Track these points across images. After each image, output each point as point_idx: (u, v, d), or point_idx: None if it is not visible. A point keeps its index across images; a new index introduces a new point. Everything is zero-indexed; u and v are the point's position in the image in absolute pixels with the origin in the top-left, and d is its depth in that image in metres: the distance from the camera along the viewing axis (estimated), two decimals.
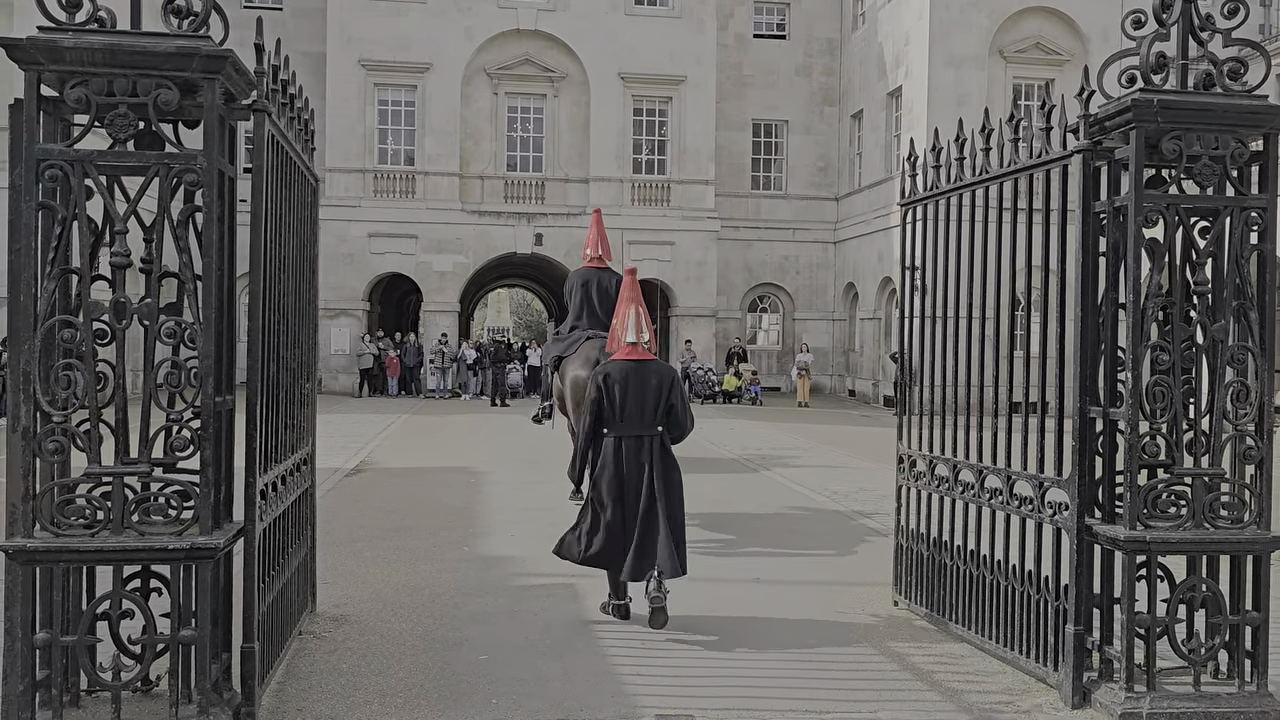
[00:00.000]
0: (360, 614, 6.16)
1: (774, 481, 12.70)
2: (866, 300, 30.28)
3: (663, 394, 6.19)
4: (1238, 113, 4.62)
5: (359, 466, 13.34)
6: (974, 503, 5.75)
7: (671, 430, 6.26)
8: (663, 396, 6.19)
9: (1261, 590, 4.72)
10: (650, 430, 6.16)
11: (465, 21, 29.47)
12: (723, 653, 5.60)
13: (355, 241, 29.20)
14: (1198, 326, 4.72)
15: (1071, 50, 26.47)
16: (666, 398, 6.20)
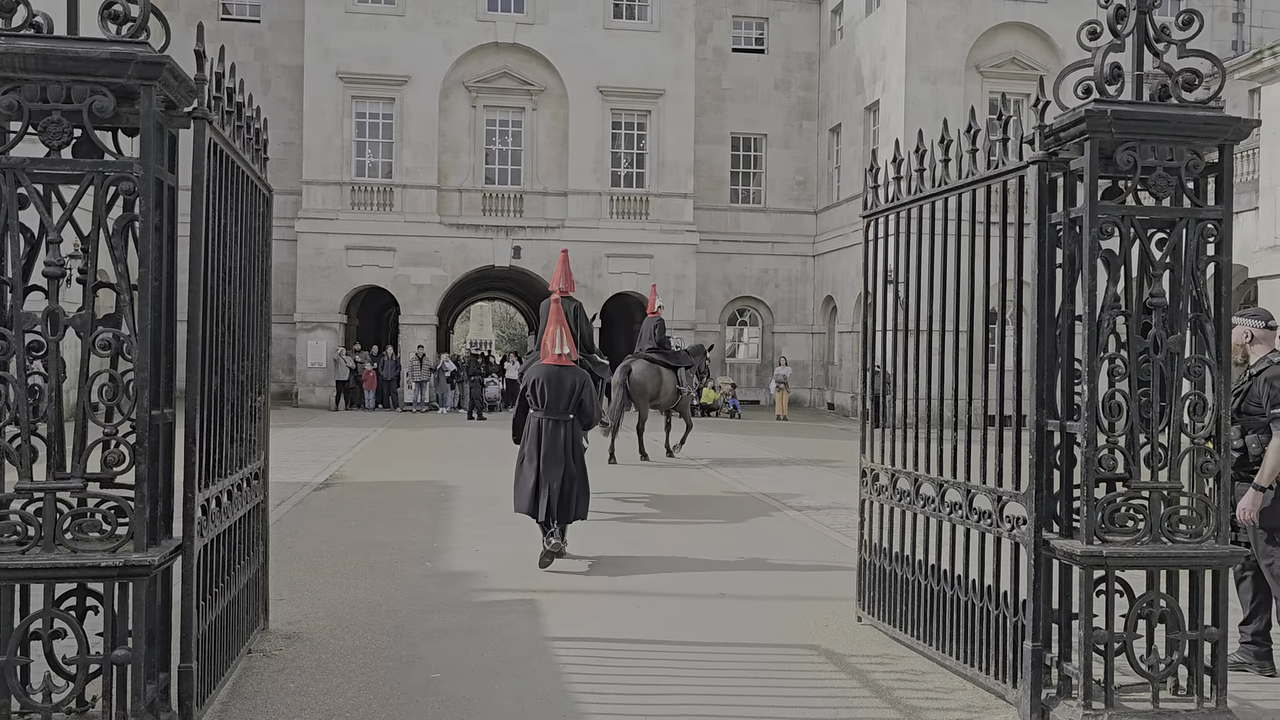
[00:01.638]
0: (314, 631, 6.04)
1: (747, 494, 12.63)
2: (845, 314, 30.34)
3: (575, 391, 8.37)
4: (1192, 124, 4.60)
5: (329, 480, 13.20)
6: (935, 517, 5.69)
7: (581, 417, 8.45)
8: (575, 393, 8.37)
9: (1220, 605, 4.67)
10: (565, 415, 8.33)
11: (443, 35, 29.48)
12: (680, 671, 5.51)
13: (332, 254, 29.07)
14: (1154, 339, 4.68)
15: (1048, 65, 26.66)
16: (578, 394, 8.39)
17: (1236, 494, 5.40)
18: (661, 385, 15.87)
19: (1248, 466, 5.48)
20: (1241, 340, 5.60)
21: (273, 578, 6.36)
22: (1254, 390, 5.49)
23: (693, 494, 12.69)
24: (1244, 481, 5.46)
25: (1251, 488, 5.39)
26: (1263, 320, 5.68)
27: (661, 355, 16.22)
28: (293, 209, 29.22)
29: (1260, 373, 5.51)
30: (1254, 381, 5.51)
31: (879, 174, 6.51)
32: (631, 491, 12.73)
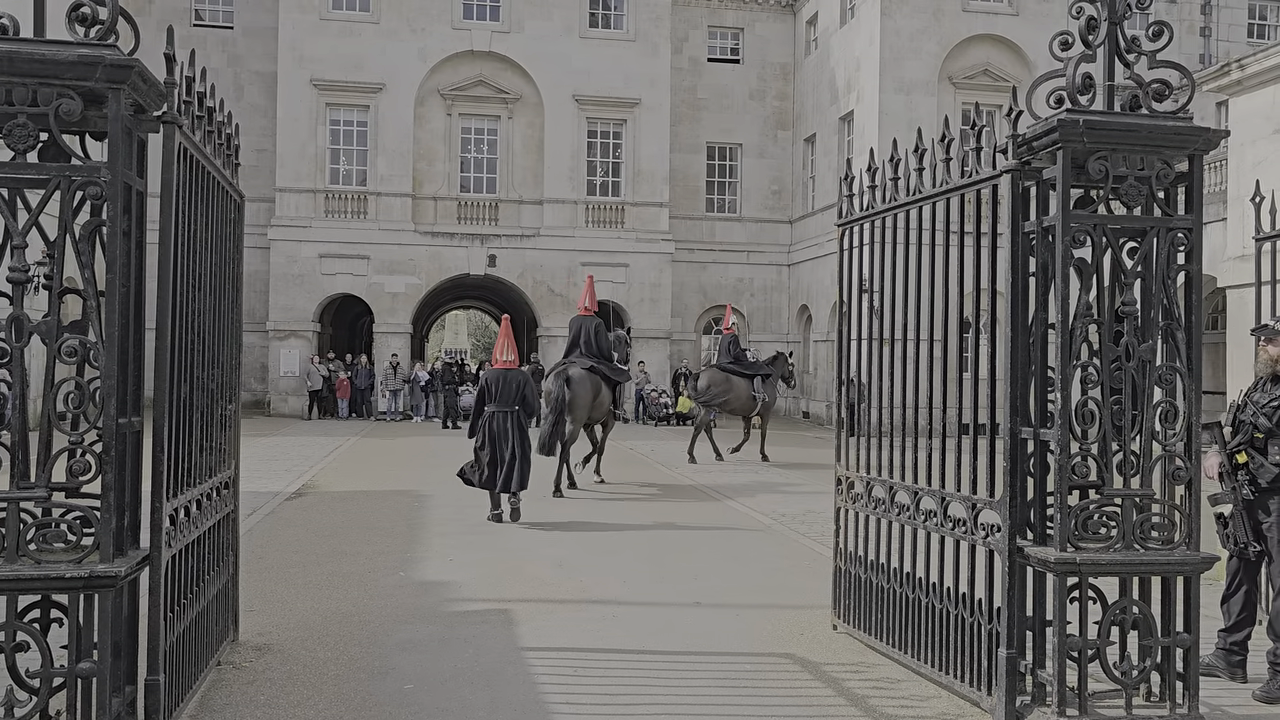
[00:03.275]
0: (285, 642, 5.97)
1: (721, 503, 12.62)
2: (820, 322, 30.45)
3: (518, 389, 10.84)
4: (1163, 134, 4.64)
5: (301, 490, 13.07)
6: (910, 525, 5.70)
7: (525, 409, 10.93)
8: (518, 390, 10.83)
9: (1192, 612, 4.70)
10: (511, 407, 10.78)
11: (419, 42, 29.37)
12: (656, 680, 5.48)
13: (306, 262, 28.85)
14: (1126, 347, 4.71)
15: (1019, 77, 26.93)
16: (521, 391, 10.85)
17: (1275, 508, 5.40)
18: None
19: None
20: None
21: (243, 588, 6.29)
22: None
23: (667, 502, 12.67)
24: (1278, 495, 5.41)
25: None
26: None
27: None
28: (266, 216, 28.99)
29: None
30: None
31: (854, 183, 6.53)
32: (605, 500, 12.70)
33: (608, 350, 14.18)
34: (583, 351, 13.97)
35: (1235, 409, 5.69)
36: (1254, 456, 5.46)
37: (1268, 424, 5.41)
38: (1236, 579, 5.63)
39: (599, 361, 13.98)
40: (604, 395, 13.94)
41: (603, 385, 13.93)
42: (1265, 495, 5.45)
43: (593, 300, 14.38)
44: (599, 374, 13.87)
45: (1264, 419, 5.43)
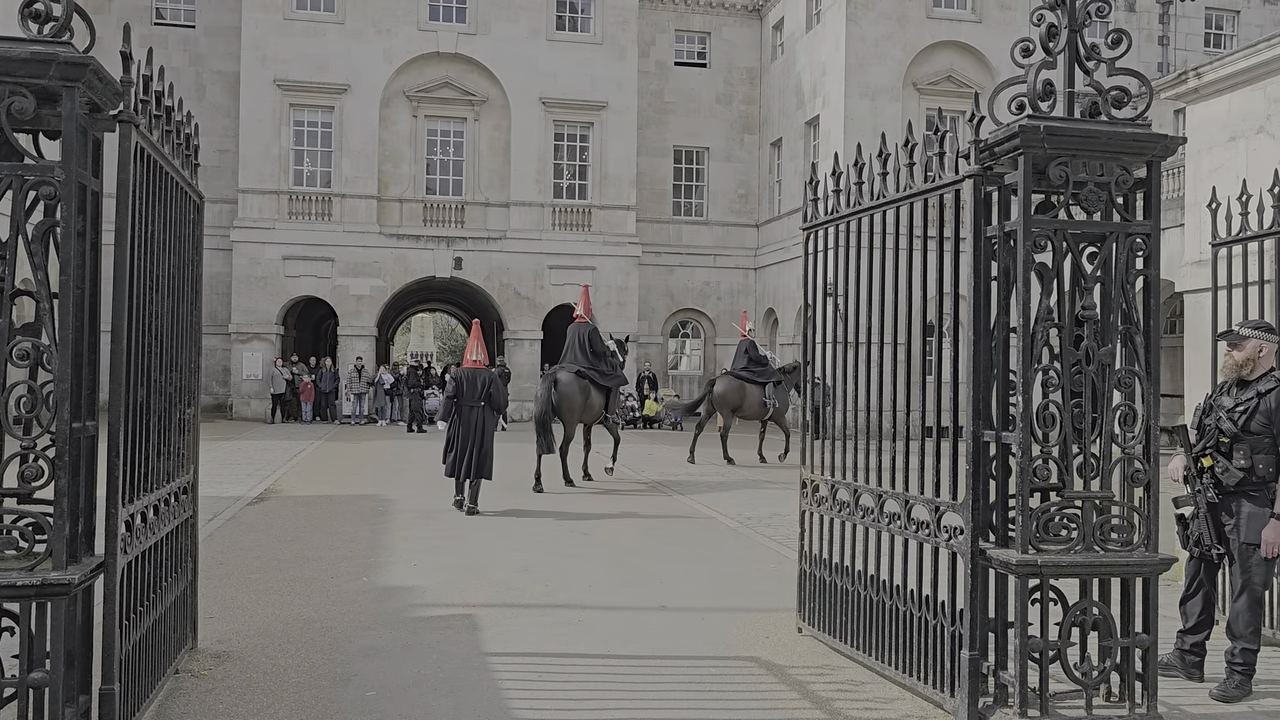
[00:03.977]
0: (245, 650, 5.88)
1: (688, 506, 12.63)
2: (786, 326, 30.60)
3: (485, 386, 11.91)
4: (1121, 140, 4.70)
5: (263, 494, 12.91)
6: (874, 527, 5.73)
7: (490, 406, 11.93)
8: (485, 387, 11.90)
9: (1150, 612, 4.75)
10: (477, 403, 11.81)
11: (384, 43, 29.19)
12: (621, 685, 5.46)
13: (269, 264, 28.56)
14: (1086, 350, 4.76)
15: (982, 84, 27.23)
16: (486, 388, 11.90)
17: (1239, 510, 5.47)
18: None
19: (1253, 485, 5.44)
20: (1255, 355, 5.53)
21: (202, 595, 6.20)
22: (1262, 409, 5.42)
23: (634, 507, 12.65)
24: (1246, 499, 5.46)
25: (1273, 518, 5.34)
26: (1277, 336, 5.61)
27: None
28: (228, 218, 28.65)
29: (1271, 391, 5.42)
30: (1263, 400, 5.43)
31: (818, 187, 6.55)
32: (571, 503, 12.66)
33: (602, 355, 14.72)
34: (576, 356, 14.47)
35: (1200, 413, 5.76)
36: (1219, 460, 5.53)
37: (1233, 428, 5.48)
38: (1196, 581, 5.70)
39: (590, 366, 14.41)
40: (594, 398, 14.40)
41: (592, 389, 14.34)
42: (1229, 498, 5.52)
43: (587, 308, 15.15)
44: (588, 378, 14.29)
45: (1229, 423, 5.50)
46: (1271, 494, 5.40)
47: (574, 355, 14.52)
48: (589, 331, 14.65)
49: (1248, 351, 5.52)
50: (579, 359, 14.46)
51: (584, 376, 14.28)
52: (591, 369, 14.44)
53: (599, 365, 14.65)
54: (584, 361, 14.44)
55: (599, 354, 14.73)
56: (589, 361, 14.49)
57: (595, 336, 14.77)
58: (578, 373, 14.24)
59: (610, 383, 14.77)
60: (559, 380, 14.07)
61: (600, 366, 14.66)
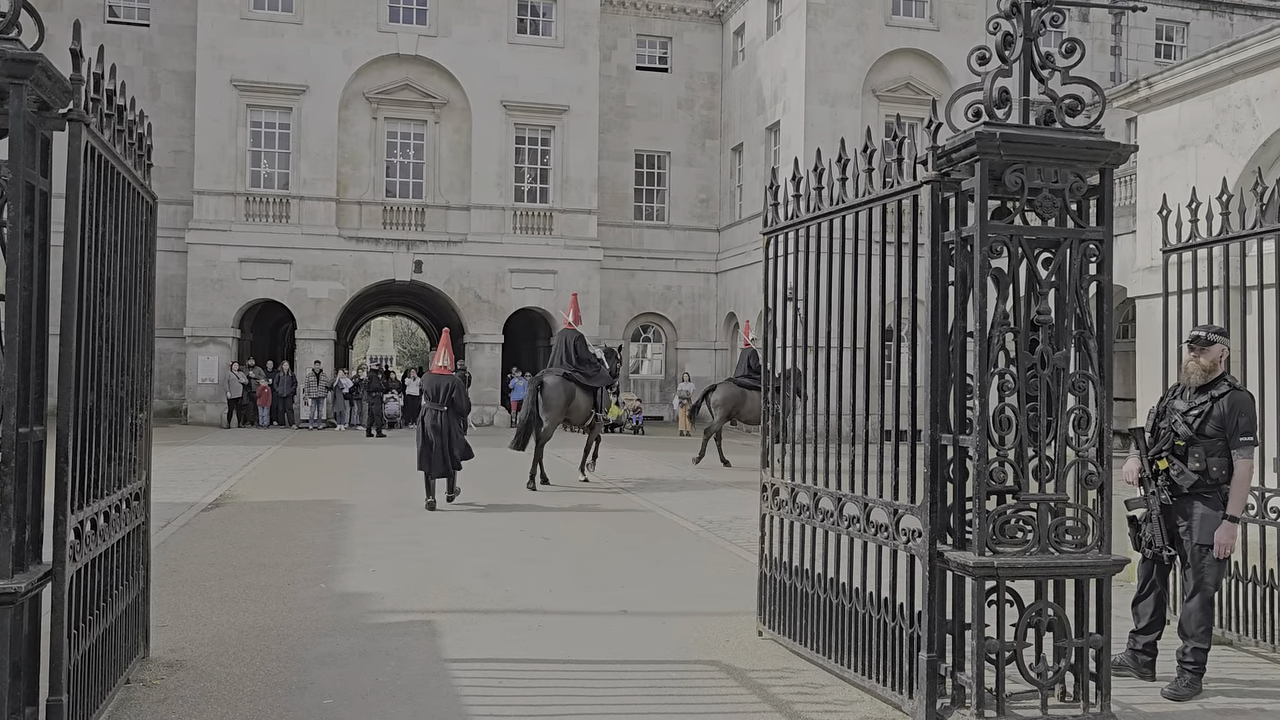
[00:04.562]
0: (198, 658, 5.78)
1: (650, 511, 12.63)
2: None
3: (448, 390, 12.57)
4: (1075, 147, 4.77)
5: (218, 500, 12.72)
6: (833, 531, 5.76)
7: (454, 409, 12.58)
8: (448, 392, 12.55)
9: (1104, 613, 4.82)
10: (442, 406, 12.46)
11: (343, 44, 28.95)
12: (581, 691, 5.44)
13: (225, 266, 28.18)
14: (1041, 355, 4.81)
15: (940, 91, 27.59)
16: (449, 393, 12.55)
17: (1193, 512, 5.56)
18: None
19: (1207, 487, 5.54)
20: (1218, 359, 5.62)
21: (155, 603, 6.09)
22: (1216, 414, 5.53)
23: (595, 511, 12.63)
24: (1200, 500, 5.55)
25: (1225, 519, 5.46)
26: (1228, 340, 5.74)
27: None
28: (184, 219, 28.25)
29: (1224, 395, 5.53)
30: (1216, 404, 5.53)
31: (778, 192, 6.58)
32: (533, 508, 12.61)
33: (588, 359, 15.69)
34: (563, 361, 15.42)
35: (1154, 416, 5.85)
36: (1174, 463, 5.62)
37: (1189, 431, 5.57)
38: (1149, 582, 5.80)
39: (575, 370, 15.34)
40: (580, 399, 15.28)
41: (577, 391, 15.26)
42: (1183, 501, 5.61)
43: (576, 315, 16.06)
44: (574, 381, 15.22)
45: (1185, 426, 5.59)
46: (1224, 496, 5.51)
47: (560, 360, 15.45)
48: (575, 338, 15.58)
49: (1213, 356, 5.63)
50: (565, 363, 15.37)
51: (570, 379, 15.17)
52: (577, 372, 15.32)
53: (584, 369, 15.51)
54: (570, 366, 15.33)
55: (585, 359, 15.67)
56: (575, 366, 15.38)
57: (581, 343, 15.70)
58: (564, 375, 15.14)
59: (596, 383, 15.60)
60: (545, 383, 15.03)
61: (586, 370, 15.52)
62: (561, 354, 15.53)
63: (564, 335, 15.77)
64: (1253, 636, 6.38)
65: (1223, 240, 6.72)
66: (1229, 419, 5.49)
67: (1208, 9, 32.28)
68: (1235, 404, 5.52)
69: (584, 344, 15.87)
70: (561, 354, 15.53)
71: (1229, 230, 6.68)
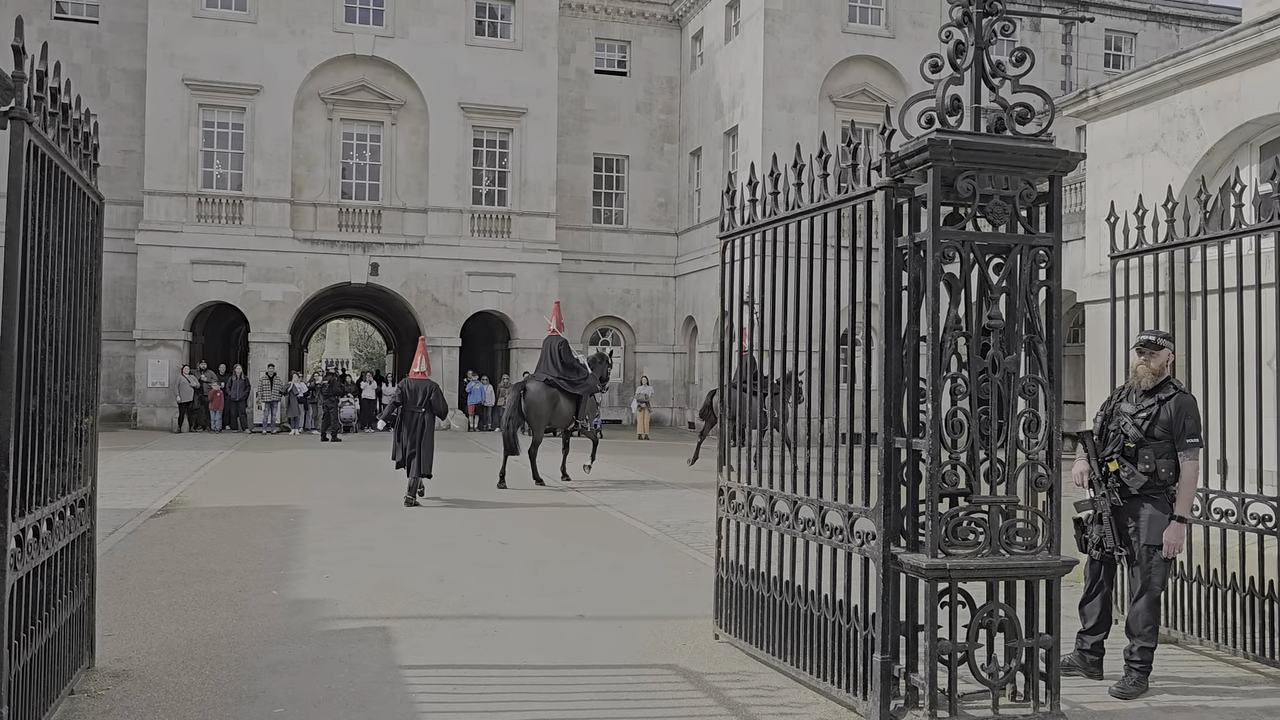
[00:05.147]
0: (146, 668, 5.67)
1: (607, 515, 12.61)
2: (705, 334, 30.83)
3: (425, 394, 13.36)
4: (1025, 155, 4.84)
5: (168, 506, 12.50)
6: (789, 534, 5.78)
7: (431, 411, 13.35)
8: (425, 395, 13.35)
9: (1054, 613, 4.89)
10: (419, 409, 13.26)
11: (298, 44, 28.64)
12: (537, 696, 5.41)
13: (176, 268, 27.73)
14: (992, 359, 4.88)
15: (895, 97, 27.90)
16: (427, 396, 13.35)
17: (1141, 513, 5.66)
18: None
19: (1156, 489, 5.64)
20: (1166, 362, 5.74)
21: (101, 612, 5.97)
22: (1163, 416, 5.63)
23: (553, 515, 12.59)
24: (1149, 502, 5.65)
25: (1173, 520, 5.57)
26: None
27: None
28: (134, 220, 27.76)
29: (1170, 398, 5.65)
30: (1163, 407, 5.65)
31: (735, 197, 6.61)
32: (490, 513, 12.54)
33: (572, 365, 16.13)
34: (548, 367, 15.84)
35: (1102, 419, 5.95)
36: (1124, 464, 5.72)
37: (1138, 433, 5.68)
38: (1096, 583, 5.89)
39: (559, 375, 15.73)
40: (563, 405, 15.71)
41: (560, 396, 15.67)
42: (1132, 502, 5.71)
43: (560, 322, 16.63)
44: (557, 387, 15.63)
45: (1134, 429, 5.70)
46: (1171, 497, 5.62)
47: (546, 366, 15.88)
48: (559, 344, 16.02)
49: (1162, 360, 5.74)
50: (550, 370, 15.75)
51: (553, 385, 15.59)
52: (561, 378, 15.69)
53: (569, 375, 15.87)
54: (554, 372, 15.71)
55: (569, 365, 16.03)
56: (559, 372, 15.75)
57: (565, 349, 16.10)
58: (546, 381, 15.58)
59: (580, 390, 15.93)
60: (527, 389, 15.52)
61: (570, 376, 15.89)
62: (547, 361, 15.89)
63: (548, 342, 16.17)
64: (1198, 635, 6.51)
65: (1168, 247, 6.86)
66: (1176, 421, 5.61)
67: (1155, 20, 32.97)
68: (1181, 407, 5.64)
69: (568, 350, 16.25)
70: (547, 361, 15.89)
71: (1174, 237, 6.82)
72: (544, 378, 15.67)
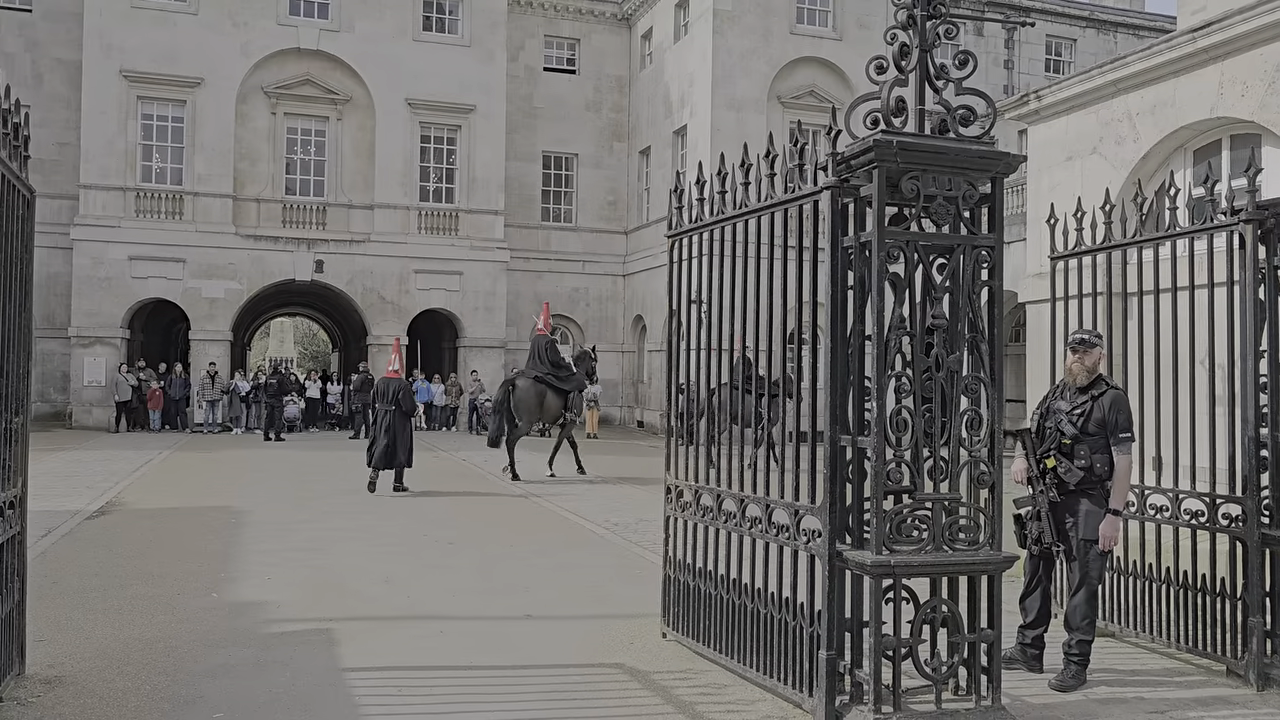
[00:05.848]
0: (79, 674, 5.52)
1: (555, 514, 12.57)
2: (654, 332, 30.87)
3: (395, 393, 14.27)
4: (968, 157, 4.91)
5: (104, 508, 12.20)
6: (736, 532, 5.80)
7: (400, 408, 14.23)
8: (395, 394, 14.26)
9: (995, 608, 4.96)
10: (391, 406, 14.19)
11: (241, 37, 28.13)
12: (484, 697, 5.36)
13: (114, 264, 27.08)
14: (936, 358, 4.94)
15: (842, 99, 28.14)
16: (397, 394, 14.26)
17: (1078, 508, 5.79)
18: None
19: (1092, 484, 5.77)
20: (1098, 360, 5.88)
21: (33, 616, 5.80)
22: (1097, 413, 5.77)
23: (501, 514, 12.52)
24: (1085, 497, 5.78)
25: (1109, 513, 5.71)
26: None
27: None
28: (69, 214, 27.06)
29: (1103, 394, 5.80)
30: (1096, 403, 5.78)
31: (683, 196, 6.62)
32: (437, 513, 12.44)
33: (559, 363, 16.96)
34: (535, 364, 16.68)
35: (1040, 416, 6.07)
36: (1062, 460, 5.84)
37: (1074, 430, 5.81)
38: (1035, 578, 6.00)
39: (547, 372, 16.54)
40: (550, 400, 16.52)
41: (548, 392, 16.48)
42: (1070, 498, 5.84)
43: (547, 322, 17.43)
44: (545, 383, 16.44)
45: (1070, 425, 5.82)
46: (1107, 492, 5.75)
47: (534, 364, 16.73)
48: (546, 343, 16.87)
49: (1094, 357, 5.88)
50: (537, 366, 16.61)
51: (541, 381, 16.40)
52: (549, 375, 16.52)
53: (557, 372, 16.72)
54: (542, 369, 16.54)
55: (556, 362, 16.89)
56: (547, 369, 16.59)
57: (552, 348, 16.97)
58: (535, 378, 16.40)
59: (569, 386, 16.78)
60: (516, 385, 16.36)
61: (558, 373, 16.75)
62: (535, 358, 16.75)
63: (536, 341, 17.06)
64: (1134, 628, 6.66)
65: (1105, 248, 7.00)
66: (1109, 417, 5.76)
67: (1094, 27, 33.69)
68: (1114, 402, 5.79)
69: (555, 349, 17.08)
70: (535, 358, 16.75)
71: (1112, 239, 6.97)
72: (533, 374, 16.41)
